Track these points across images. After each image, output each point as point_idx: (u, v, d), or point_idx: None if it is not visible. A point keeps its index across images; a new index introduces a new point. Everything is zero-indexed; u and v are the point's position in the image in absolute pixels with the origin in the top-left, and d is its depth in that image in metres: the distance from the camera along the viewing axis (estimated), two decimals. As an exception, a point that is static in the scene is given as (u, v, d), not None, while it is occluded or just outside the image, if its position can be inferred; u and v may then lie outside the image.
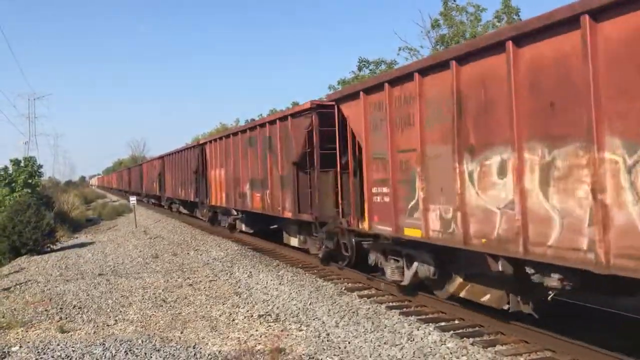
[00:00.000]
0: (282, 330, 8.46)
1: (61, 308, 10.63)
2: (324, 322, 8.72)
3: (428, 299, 9.40)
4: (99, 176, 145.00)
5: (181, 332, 8.60)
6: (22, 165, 29.71)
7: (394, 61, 27.04)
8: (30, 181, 29.28)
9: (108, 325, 9.28)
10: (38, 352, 7.80)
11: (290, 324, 8.80)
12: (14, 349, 8.06)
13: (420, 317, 8.77)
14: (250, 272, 13.22)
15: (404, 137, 8.47)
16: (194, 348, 7.72)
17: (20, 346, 8.17)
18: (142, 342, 8.04)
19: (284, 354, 7.33)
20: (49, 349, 7.92)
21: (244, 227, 18.65)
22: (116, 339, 8.26)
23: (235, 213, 19.13)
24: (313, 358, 7.15)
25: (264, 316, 9.32)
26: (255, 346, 7.73)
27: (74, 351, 7.77)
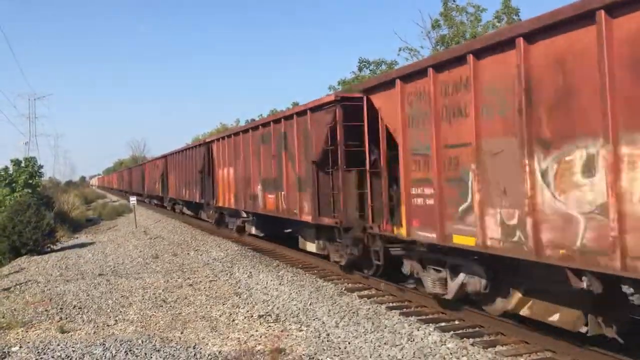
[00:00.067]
0: (282, 331, 8.46)
1: (61, 308, 10.64)
2: (324, 323, 8.72)
3: (429, 299, 9.36)
4: (99, 176, 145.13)
5: (181, 333, 8.60)
6: (23, 165, 29.77)
7: (394, 61, 27.11)
8: (30, 181, 29.33)
9: (108, 325, 9.28)
10: (38, 352, 7.81)
11: (290, 324, 8.80)
12: (14, 349, 8.07)
13: (420, 317, 8.77)
14: (251, 273, 13.23)
15: (452, 130, 7.48)
16: (194, 348, 7.73)
17: (20, 346, 8.18)
18: (142, 342, 8.05)
19: (284, 354, 7.33)
20: (49, 349, 7.93)
21: (253, 230, 17.52)
22: (116, 339, 8.26)
23: (244, 215, 18.08)
24: (313, 358, 7.15)
25: (264, 316, 9.32)
26: (255, 346, 7.73)
27: (74, 351, 7.77)
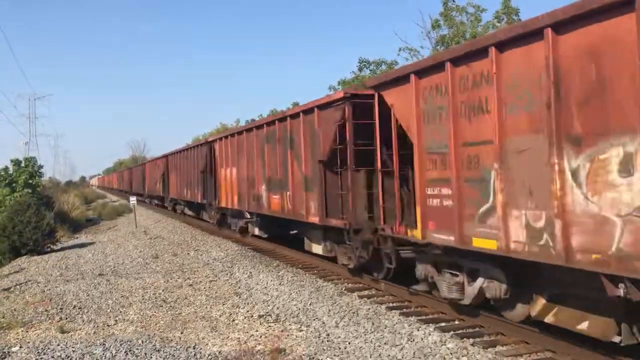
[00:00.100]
0: (282, 331, 8.46)
1: (61, 308, 10.64)
2: (324, 323, 8.72)
3: (428, 299, 9.37)
4: (99, 176, 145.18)
5: (181, 333, 8.60)
6: (23, 165, 29.78)
7: (394, 61, 27.09)
8: (30, 181, 29.34)
9: (108, 325, 9.28)
10: (38, 352, 7.81)
11: (290, 324, 8.79)
12: (14, 349, 8.07)
13: (420, 317, 8.77)
14: (251, 273, 13.22)
15: (472, 127, 7.17)
16: (194, 348, 7.73)
17: (21, 346, 8.18)
18: (142, 343, 8.05)
19: (284, 354, 7.33)
20: (49, 349, 7.93)
21: (257, 231, 17.12)
22: (116, 339, 8.26)
23: (248, 216, 17.72)
24: (313, 358, 7.15)
25: (264, 316, 9.32)
26: (256, 346, 7.73)
27: (74, 351, 7.77)
